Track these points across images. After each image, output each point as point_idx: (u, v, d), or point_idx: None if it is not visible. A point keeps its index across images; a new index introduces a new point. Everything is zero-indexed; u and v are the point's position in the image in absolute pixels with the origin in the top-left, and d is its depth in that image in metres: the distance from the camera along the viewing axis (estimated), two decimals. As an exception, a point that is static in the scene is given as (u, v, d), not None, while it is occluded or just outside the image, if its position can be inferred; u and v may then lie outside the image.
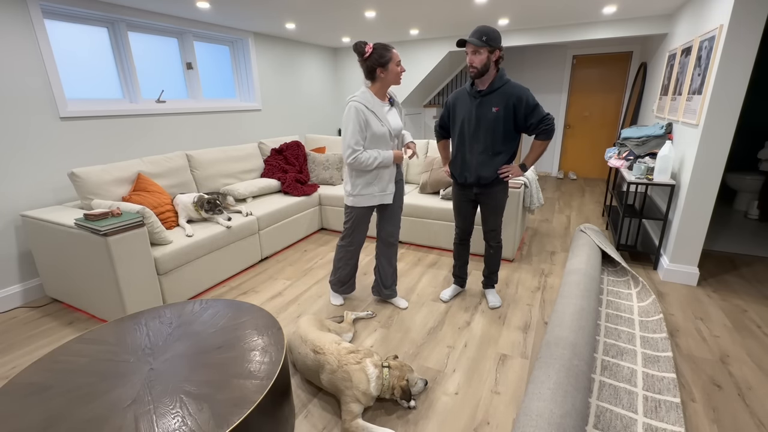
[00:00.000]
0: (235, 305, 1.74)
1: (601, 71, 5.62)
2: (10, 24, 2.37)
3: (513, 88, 1.94)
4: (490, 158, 2.04)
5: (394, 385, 1.58)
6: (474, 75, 1.93)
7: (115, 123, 2.98)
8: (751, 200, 4.12)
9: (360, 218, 2.20)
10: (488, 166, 2.05)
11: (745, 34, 2.14)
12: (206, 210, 2.74)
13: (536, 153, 2.03)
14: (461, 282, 2.53)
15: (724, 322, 2.22)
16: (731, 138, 2.32)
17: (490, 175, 2.06)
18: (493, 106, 1.96)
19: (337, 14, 3.43)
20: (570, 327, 1.79)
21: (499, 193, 2.14)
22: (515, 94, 1.93)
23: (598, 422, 1.53)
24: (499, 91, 1.95)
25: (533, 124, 1.95)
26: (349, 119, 1.96)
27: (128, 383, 1.26)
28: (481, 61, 1.88)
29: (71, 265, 2.27)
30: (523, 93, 1.92)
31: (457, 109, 2.09)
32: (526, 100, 1.92)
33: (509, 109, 1.95)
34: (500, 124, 1.97)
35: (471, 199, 2.22)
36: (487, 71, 1.91)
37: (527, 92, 1.93)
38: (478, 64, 1.88)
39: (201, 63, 3.75)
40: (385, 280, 2.38)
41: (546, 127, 1.94)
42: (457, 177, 2.19)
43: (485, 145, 2.03)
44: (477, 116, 2.00)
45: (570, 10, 3.40)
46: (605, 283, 2.65)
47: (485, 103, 1.98)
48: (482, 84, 1.97)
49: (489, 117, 1.98)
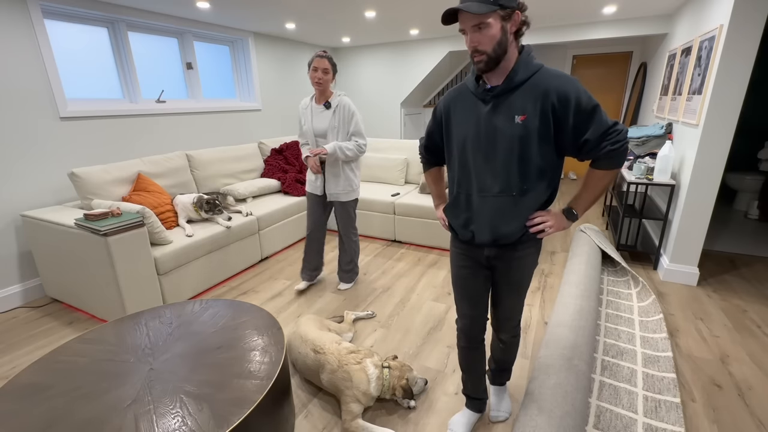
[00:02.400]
0: (235, 305, 1.74)
1: (601, 71, 5.62)
2: (10, 24, 2.37)
3: (550, 77, 1.09)
4: (514, 201, 1.19)
5: (394, 386, 1.58)
6: (483, 66, 1.10)
7: (115, 123, 2.98)
8: (751, 200, 4.12)
9: (307, 203, 2.51)
10: (511, 214, 1.20)
11: (745, 34, 2.14)
12: (206, 210, 2.74)
13: (596, 191, 1.19)
14: (478, 406, 1.56)
15: (724, 322, 2.22)
16: (731, 138, 2.32)
17: (515, 230, 1.21)
18: (517, 113, 1.12)
19: (337, 14, 3.43)
20: (570, 327, 1.79)
21: (527, 258, 1.28)
22: (555, 89, 1.08)
23: (598, 422, 1.53)
24: (526, 87, 1.11)
25: (591, 141, 1.10)
26: None
27: (128, 383, 1.26)
28: (492, 39, 1.06)
29: (71, 265, 2.27)
30: (569, 85, 1.08)
31: (454, 118, 1.25)
32: (576, 97, 1.07)
33: (546, 115, 1.10)
34: (531, 142, 1.13)
35: (482, 265, 1.34)
36: (504, 54, 1.09)
37: (577, 84, 1.08)
38: (487, 47, 1.07)
39: (201, 63, 3.75)
40: (342, 264, 2.65)
41: (613, 147, 1.09)
42: (459, 232, 1.32)
43: (505, 180, 1.18)
44: (488, 131, 1.16)
45: (570, 10, 3.40)
46: (605, 283, 2.65)
47: (502, 109, 1.14)
48: (495, 77, 1.15)
49: (508, 132, 1.13)
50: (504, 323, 1.42)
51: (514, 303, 1.37)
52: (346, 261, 2.61)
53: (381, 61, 5.26)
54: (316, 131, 2.30)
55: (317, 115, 2.29)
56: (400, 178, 3.86)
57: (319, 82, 2.18)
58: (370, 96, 5.52)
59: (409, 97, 5.32)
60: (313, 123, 2.29)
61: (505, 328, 1.43)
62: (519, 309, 1.40)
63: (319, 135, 2.31)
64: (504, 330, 1.44)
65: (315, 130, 2.30)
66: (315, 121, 2.29)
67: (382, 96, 5.42)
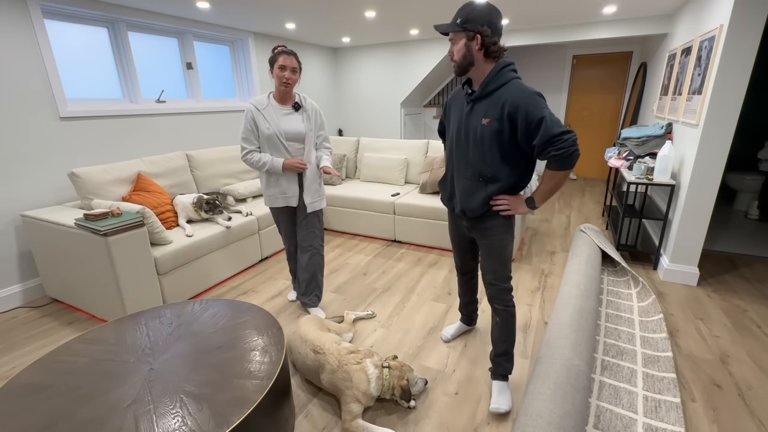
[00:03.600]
0: (235, 305, 1.74)
1: (601, 71, 5.62)
2: (10, 24, 2.37)
3: (510, 91, 1.35)
4: (478, 186, 1.49)
5: (394, 386, 1.58)
6: (454, 70, 1.45)
7: (115, 123, 2.98)
8: (751, 200, 4.12)
9: (277, 219, 2.26)
10: (475, 195, 1.51)
11: (745, 34, 2.14)
12: (206, 211, 2.74)
13: (547, 187, 1.43)
14: (469, 320, 2.07)
15: (724, 322, 2.22)
16: (731, 138, 2.32)
17: (477, 207, 1.51)
18: (484, 116, 1.40)
19: (337, 14, 3.43)
20: (570, 327, 1.79)
21: (495, 230, 1.54)
22: (511, 100, 1.33)
23: (598, 422, 1.53)
24: (494, 96, 1.38)
25: (537, 146, 1.33)
26: (244, 118, 2.05)
27: (128, 383, 1.26)
28: (459, 51, 1.39)
29: (71, 265, 2.27)
30: (522, 98, 1.31)
31: (451, 113, 1.60)
32: (525, 109, 1.30)
33: (504, 121, 1.37)
34: (493, 141, 1.41)
35: (465, 231, 1.70)
36: (471, 65, 1.40)
37: (530, 97, 1.31)
38: (456, 56, 1.41)
39: (201, 63, 3.75)
40: (301, 285, 2.32)
41: (557, 152, 1.29)
42: (446, 203, 1.70)
43: (472, 168, 1.49)
44: (466, 128, 1.48)
45: (570, 10, 3.40)
46: (605, 283, 2.65)
47: (475, 111, 1.44)
48: (475, 85, 1.46)
49: (478, 131, 1.43)
50: (490, 287, 1.62)
51: (494, 267, 1.59)
52: (308, 278, 2.29)
53: (381, 61, 5.26)
54: (288, 135, 2.05)
55: (284, 117, 2.05)
56: (400, 178, 3.86)
57: (287, 82, 1.97)
58: (370, 96, 5.52)
59: (409, 97, 5.32)
60: (279, 126, 2.03)
61: (494, 293, 1.61)
62: (502, 275, 1.59)
63: (292, 139, 2.06)
64: (494, 296, 1.62)
65: (285, 134, 2.04)
66: (282, 124, 2.04)
67: (382, 96, 5.42)
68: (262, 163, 2.05)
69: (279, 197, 2.14)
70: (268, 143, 2.04)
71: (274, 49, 1.98)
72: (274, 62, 1.96)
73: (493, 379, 1.70)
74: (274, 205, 2.16)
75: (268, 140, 2.04)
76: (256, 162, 2.05)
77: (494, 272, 1.59)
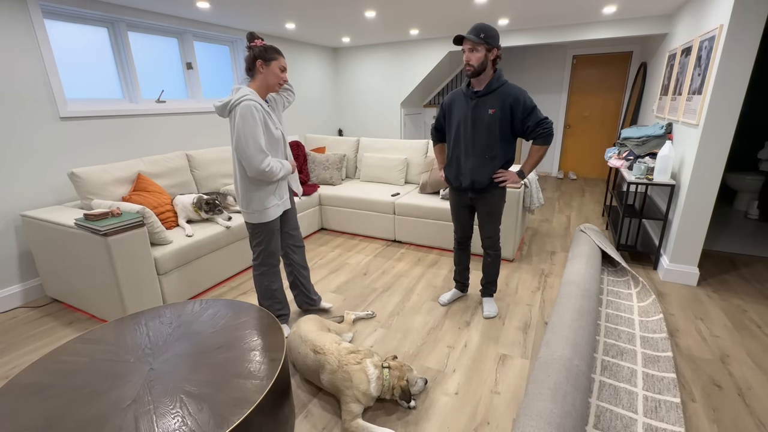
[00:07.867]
0: (235, 305, 1.74)
1: (601, 71, 5.62)
2: (10, 24, 2.37)
3: (510, 89, 1.89)
4: (486, 162, 1.99)
5: (394, 386, 1.58)
6: (470, 74, 1.88)
7: (115, 123, 2.98)
8: (751, 200, 4.11)
9: (272, 233, 1.96)
10: (483, 170, 2.00)
11: (745, 34, 2.14)
12: (205, 211, 2.74)
13: (534, 159, 1.98)
14: (462, 287, 2.50)
15: (724, 322, 2.22)
16: (731, 138, 2.31)
17: (485, 179, 2.01)
18: (490, 108, 1.91)
19: (337, 14, 3.43)
20: (570, 327, 1.79)
21: (495, 198, 2.09)
22: (512, 95, 1.88)
23: (598, 422, 1.53)
24: (496, 93, 1.90)
25: (530, 127, 1.90)
26: (249, 121, 1.67)
27: (128, 383, 1.26)
28: (478, 59, 1.83)
29: (71, 265, 2.27)
30: (520, 94, 1.88)
31: (453, 110, 2.05)
32: (523, 101, 1.87)
33: (506, 111, 1.90)
34: (496, 126, 1.92)
35: (467, 204, 2.19)
36: (484, 70, 1.87)
37: (525, 94, 1.89)
38: (474, 62, 1.84)
39: (201, 63, 3.75)
40: (309, 285, 2.28)
41: (543, 131, 1.89)
42: (452, 181, 2.14)
43: (481, 148, 1.98)
44: (473, 118, 1.96)
45: (570, 10, 3.40)
46: (605, 283, 2.65)
47: (481, 105, 1.93)
48: (479, 85, 1.93)
49: (485, 119, 1.93)
50: (487, 241, 2.23)
51: (492, 226, 2.17)
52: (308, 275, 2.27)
53: (381, 61, 5.26)
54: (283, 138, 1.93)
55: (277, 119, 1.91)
56: (400, 178, 3.86)
57: (282, 84, 1.85)
58: (370, 96, 5.51)
59: (409, 97, 5.32)
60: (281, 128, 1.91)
61: (489, 244, 2.24)
62: (496, 230, 2.19)
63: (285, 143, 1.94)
64: (489, 246, 2.25)
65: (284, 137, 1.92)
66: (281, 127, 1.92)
67: (382, 96, 5.42)
68: (284, 171, 1.85)
69: (279, 205, 1.94)
70: (272, 146, 1.83)
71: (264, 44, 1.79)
72: (272, 60, 1.78)
73: (483, 296, 2.41)
74: (276, 215, 1.93)
75: (275, 144, 1.84)
76: (278, 170, 1.81)
77: (491, 229, 2.18)
